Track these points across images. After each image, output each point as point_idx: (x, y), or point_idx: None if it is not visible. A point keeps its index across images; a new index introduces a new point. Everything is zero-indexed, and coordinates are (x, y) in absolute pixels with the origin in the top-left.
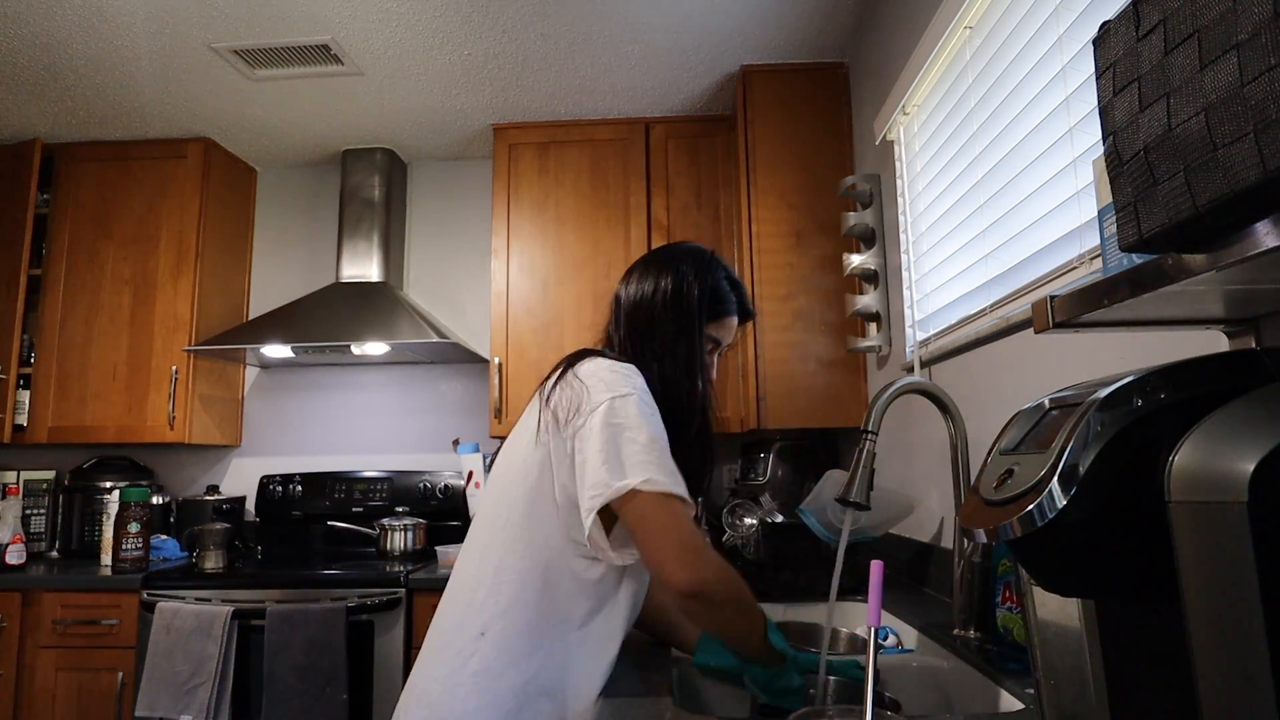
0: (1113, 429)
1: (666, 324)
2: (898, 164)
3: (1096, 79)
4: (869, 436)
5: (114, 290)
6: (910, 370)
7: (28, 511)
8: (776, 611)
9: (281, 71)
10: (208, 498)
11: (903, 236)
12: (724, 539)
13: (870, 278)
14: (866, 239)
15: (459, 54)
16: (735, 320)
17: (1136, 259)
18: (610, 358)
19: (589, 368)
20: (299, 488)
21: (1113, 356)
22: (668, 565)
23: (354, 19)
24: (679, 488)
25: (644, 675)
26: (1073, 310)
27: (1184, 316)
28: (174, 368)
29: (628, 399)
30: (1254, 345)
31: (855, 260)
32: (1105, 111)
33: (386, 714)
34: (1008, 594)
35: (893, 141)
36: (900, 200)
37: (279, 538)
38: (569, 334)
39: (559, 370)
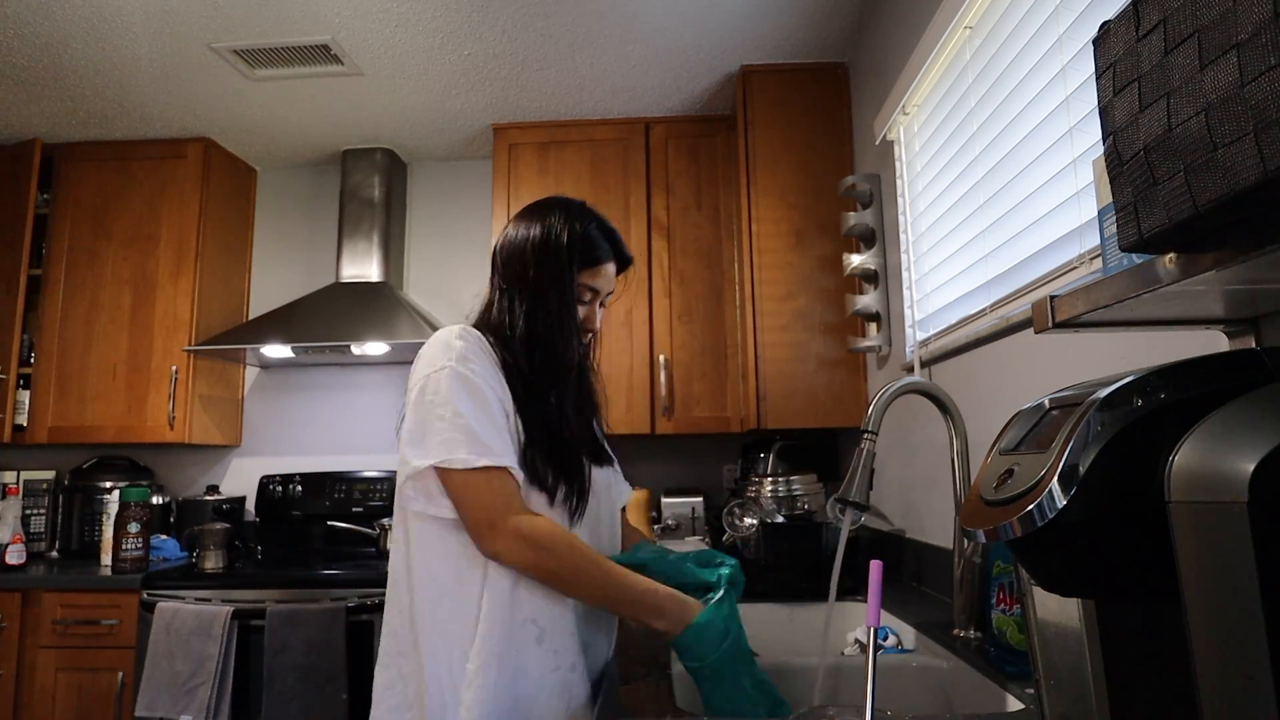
0: (1113, 429)
1: (536, 272)
2: (898, 164)
3: (1096, 79)
4: (869, 436)
5: (114, 290)
6: (910, 370)
7: (28, 511)
8: (778, 612)
9: (281, 71)
10: (208, 498)
11: (903, 236)
12: (724, 539)
13: (870, 278)
14: (866, 239)
15: (459, 54)
16: (612, 268)
17: (1136, 259)
18: (455, 329)
19: (425, 348)
20: (299, 488)
21: (1113, 356)
22: (477, 537)
23: (354, 19)
24: (485, 456)
25: (644, 674)
26: (1073, 310)
27: (1184, 316)
28: (174, 368)
29: (440, 373)
30: (1254, 345)
31: (855, 260)
32: (1105, 111)
33: None
34: (1002, 596)
35: (893, 141)
36: (900, 200)
37: (279, 538)
38: None
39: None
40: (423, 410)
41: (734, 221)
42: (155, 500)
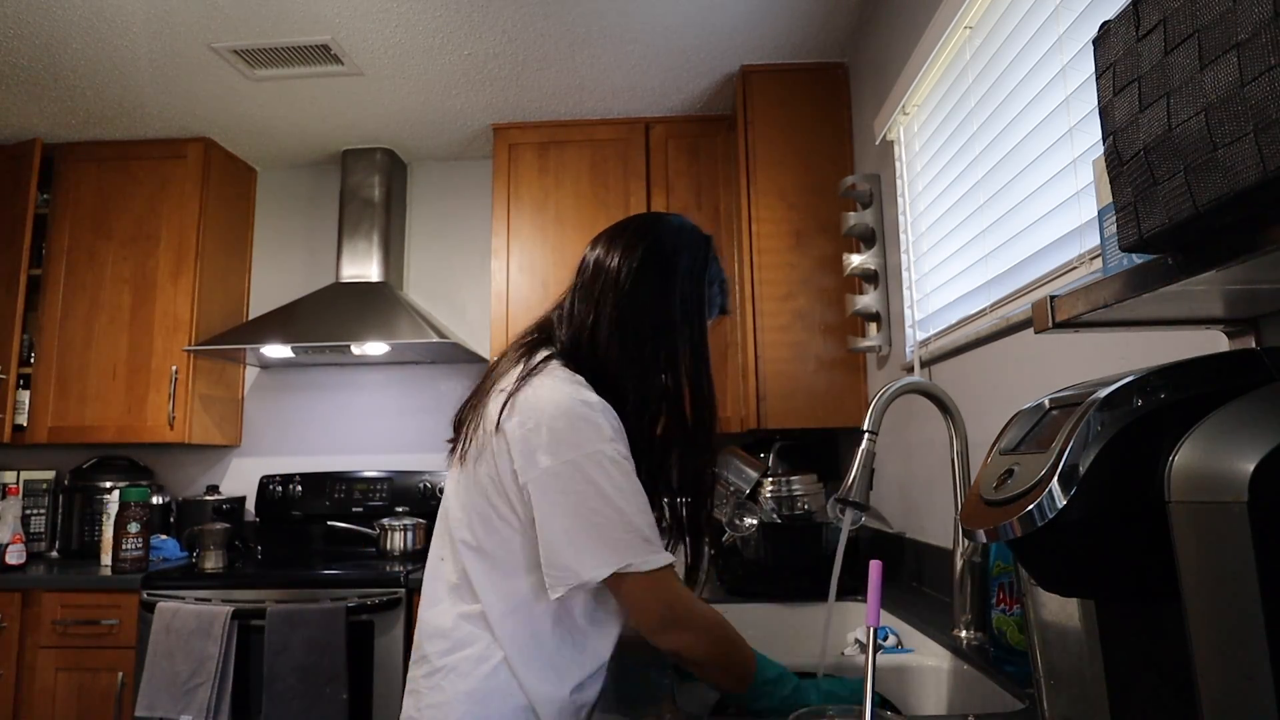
0: (1113, 429)
1: (680, 330)
2: (898, 164)
3: (1096, 79)
4: (869, 436)
5: (114, 290)
6: (910, 370)
7: (28, 511)
8: (778, 612)
9: (281, 71)
10: (208, 498)
11: (903, 236)
12: (724, 539)
13: (870, 278)
14: (866, 239)
15: (459, 54)
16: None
17: (1136, 259)
18: (591, 396)
19: (556, 418)
20: (299, 488)
21: (1113, 356)
22: (657, 632)
23: (354, 19)
24: (658, 555)
25: (644, 675)
26: (1073, 310)
27: (1184, 316)
28: (174, 368)
29: (591, 460)
30: (1254, 345)
31: (855, 260)
32: (1105, 111)
33: (386, 713)
34: (1002, 596)
35: (893, 141)
36: (900, 200)
37: (279, 538)
38: None
39: (516, 385)
40: (583, 505)
41: (734, 221)
42: (155, 500)
